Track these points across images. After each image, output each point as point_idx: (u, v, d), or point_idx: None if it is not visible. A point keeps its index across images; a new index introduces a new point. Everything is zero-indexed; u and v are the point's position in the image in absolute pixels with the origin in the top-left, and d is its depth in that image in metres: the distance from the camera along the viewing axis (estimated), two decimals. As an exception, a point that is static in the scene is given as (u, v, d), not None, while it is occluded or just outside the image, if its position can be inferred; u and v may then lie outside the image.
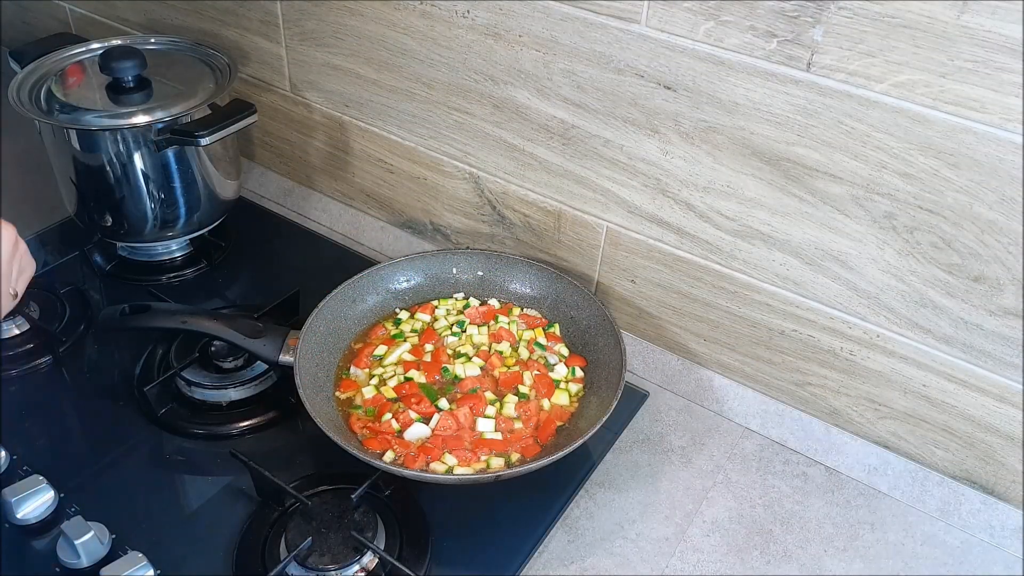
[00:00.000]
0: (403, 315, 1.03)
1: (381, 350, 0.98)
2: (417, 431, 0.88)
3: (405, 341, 0.99)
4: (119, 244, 1.15)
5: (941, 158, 0.73)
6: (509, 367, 0.96)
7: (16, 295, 0.80)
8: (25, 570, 0.79)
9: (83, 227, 1.13)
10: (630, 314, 1.03)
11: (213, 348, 0.97)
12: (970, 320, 0.79)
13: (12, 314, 1.01)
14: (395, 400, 0.91)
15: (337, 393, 0.93)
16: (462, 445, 0.87)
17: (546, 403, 0.92)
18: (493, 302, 1.05)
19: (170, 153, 1.06)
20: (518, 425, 0.90)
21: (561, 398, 0.93)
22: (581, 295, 1.00)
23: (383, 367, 0.96)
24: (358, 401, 0.92)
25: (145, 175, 1.06)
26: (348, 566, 0.77)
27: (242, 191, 1.25)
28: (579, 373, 0.96)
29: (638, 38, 0.84)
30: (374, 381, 0.94)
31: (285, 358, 0.91)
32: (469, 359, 0.96)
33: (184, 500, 0.87)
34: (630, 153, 0.91)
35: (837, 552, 0.85)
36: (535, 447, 0.88)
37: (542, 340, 1.00)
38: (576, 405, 0.93)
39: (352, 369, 0.96)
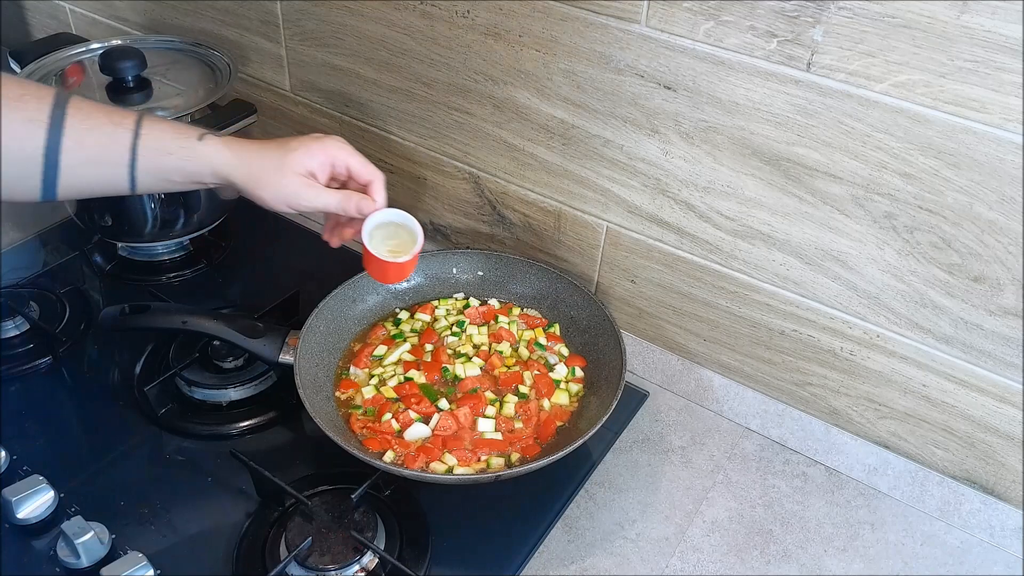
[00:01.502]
0: (403, 315, 1.03)
1: (381, 350, 0.98)
2: (417, 431, 0.88)
3: (405, 341, 0.99)
4: (119, 244, 1.15)
5: (941, 158, 0.73)
6: (509, 367, 0.96)
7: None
8: (25, 570, 0.79)
9: (83, 227, 1.13)
10: (630, 314, 1.03)
11: (213, 348, 0.97)
12: (970, 320, 0.79)
13: (13, 314, 1.02)
14: (395, 400, 0.91)
15: (337, 393, 0.93)
16: (462, 445, 0.87)
17: (546, 403, 0.92)
18: (493, 302, 1.05)
19: (170, 153, 1.05)
20: (518, 425, 0.90)
21: (561, 398, 0.93)
22: (581, 295, 1.00)
23: (383, 367, 0.96)
24: (358, 401, 0.92)
25: (145, 175, 1.06)
26: (348, 566, 0.77)
27: (242, 191, 1.25)
28: (579, 373, 0.96)
29: (638, 38, 0.84)
30: (374, 381, 0.94)
31: (285, 358, 0.91)
32: (469, 359, 0.96)
33: (184, 500, 0.87)
34: (630, 153, 0.91)
35: (837, 552, 0.85)
36: (535, 447, 0.88)
37: (542, 340, 1.00)
38: (576, 405, 0.93)
39: (352, 369, 0.96)
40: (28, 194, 0.72)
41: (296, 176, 0.77)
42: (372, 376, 0.95)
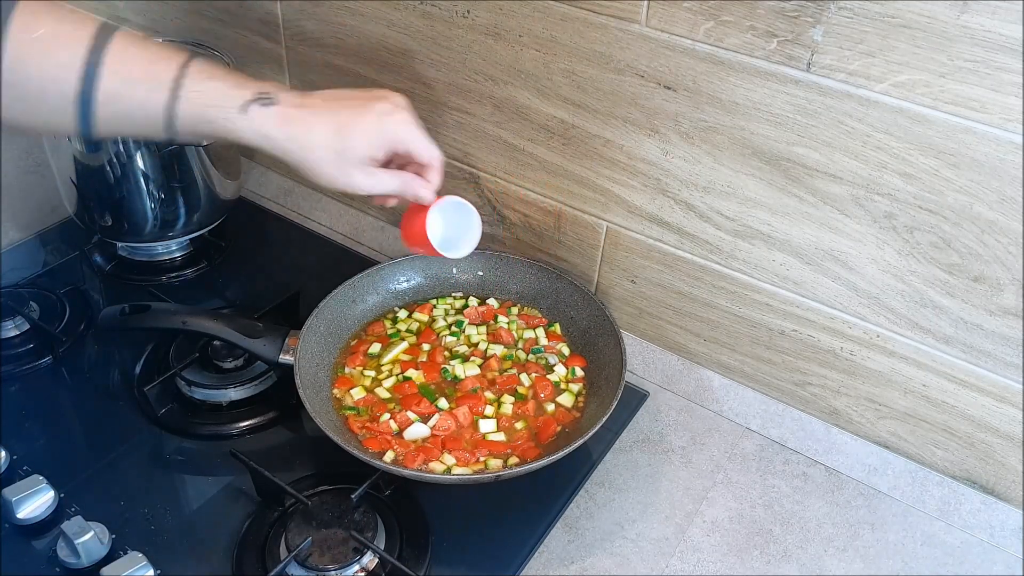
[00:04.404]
0: (401, 314, 1.03)
1: (375, 348, 0.98)
2: (416, 431, 0.88)
3: (402, 340, 0.99)
4: (119, 244, 1.15)
5: (941, 158, 0.73)
6: (505, 369, 0.96)
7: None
8: (25, 570, 0.79)
9: (83, 227, 1.13)
10: (630, 314, 1.03)
11: (213, 348, 0.97)
12: (970, 320, 0.80)
13: (13, 314, 1.02)
14: (389, 400, 0.91)
15: (336, 393, 0.93)
16: (461, 445, 0.87)
17: (550, 406, 0.92)
18: (492, 302, 1.05)
19: (170, 153, 1.06)
20: (519, 425, 0.90)
21: (565, 400, 0.93)
22: (581, 295, 1.00)
23: (379, 367, 0.96)
24: (348, 402, 0.92)
25: (145, 175, 1.06)
26: (348, 566, 0.77)
27: (242, 191, 1.25)
28: (579, 373, 0.96)
29: (638, 38, 0.84)
30: (366, 381, 0.94)
31: (285, 358, 0.91)
32: (467, 359, 0.96)
33: (184, 500, 0.87)
34: (630, 153, 0.91)
35: (837, 552, 0.85)
36: (535, 447, 0.88)
37: (543, 340, 1.00)
38: (578, 406, 0.93)
39: (347, 368, 0.96)
40: (68, 130, 0.67)
41: (353, 168, 0.73)
42: (365, 375, 0.95)
